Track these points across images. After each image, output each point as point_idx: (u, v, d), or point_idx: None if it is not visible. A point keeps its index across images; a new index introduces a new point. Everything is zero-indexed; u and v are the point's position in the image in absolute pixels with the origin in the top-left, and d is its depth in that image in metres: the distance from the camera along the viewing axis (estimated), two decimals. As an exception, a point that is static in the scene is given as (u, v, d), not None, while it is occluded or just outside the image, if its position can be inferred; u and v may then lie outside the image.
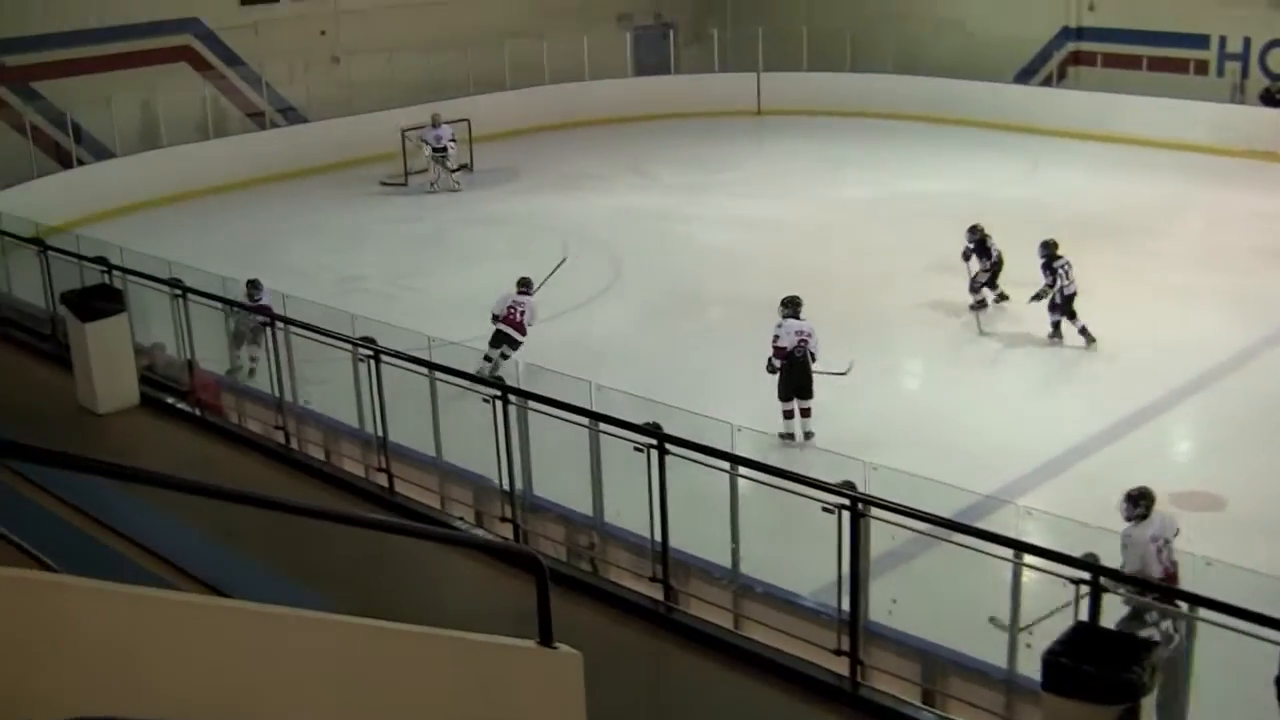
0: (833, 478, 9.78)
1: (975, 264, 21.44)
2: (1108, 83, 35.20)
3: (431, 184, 31.20)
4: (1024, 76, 37.81)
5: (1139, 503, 11.34)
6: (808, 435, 17.17)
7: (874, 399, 18.25)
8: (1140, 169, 30.37)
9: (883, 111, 36.60)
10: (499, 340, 19.12)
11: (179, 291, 15.38)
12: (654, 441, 10.34)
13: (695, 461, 10.27)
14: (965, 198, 28.15)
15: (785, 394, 17.25)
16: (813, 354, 17.17)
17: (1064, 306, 19.98)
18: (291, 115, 34.75)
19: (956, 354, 20.24)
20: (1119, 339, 20.21)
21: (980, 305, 21.24)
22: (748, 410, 17.66)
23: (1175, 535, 11.41)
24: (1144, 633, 9.73)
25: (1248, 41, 34.27)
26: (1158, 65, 34.78)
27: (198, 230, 27.34)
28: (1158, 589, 10.04)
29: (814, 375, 17.23)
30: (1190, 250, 25.20)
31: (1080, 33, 37.19)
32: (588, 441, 11.40)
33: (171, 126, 31.72)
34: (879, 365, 19.48)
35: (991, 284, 21.47)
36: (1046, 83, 37.59)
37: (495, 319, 19.27)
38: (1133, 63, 35.04)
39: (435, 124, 31.15)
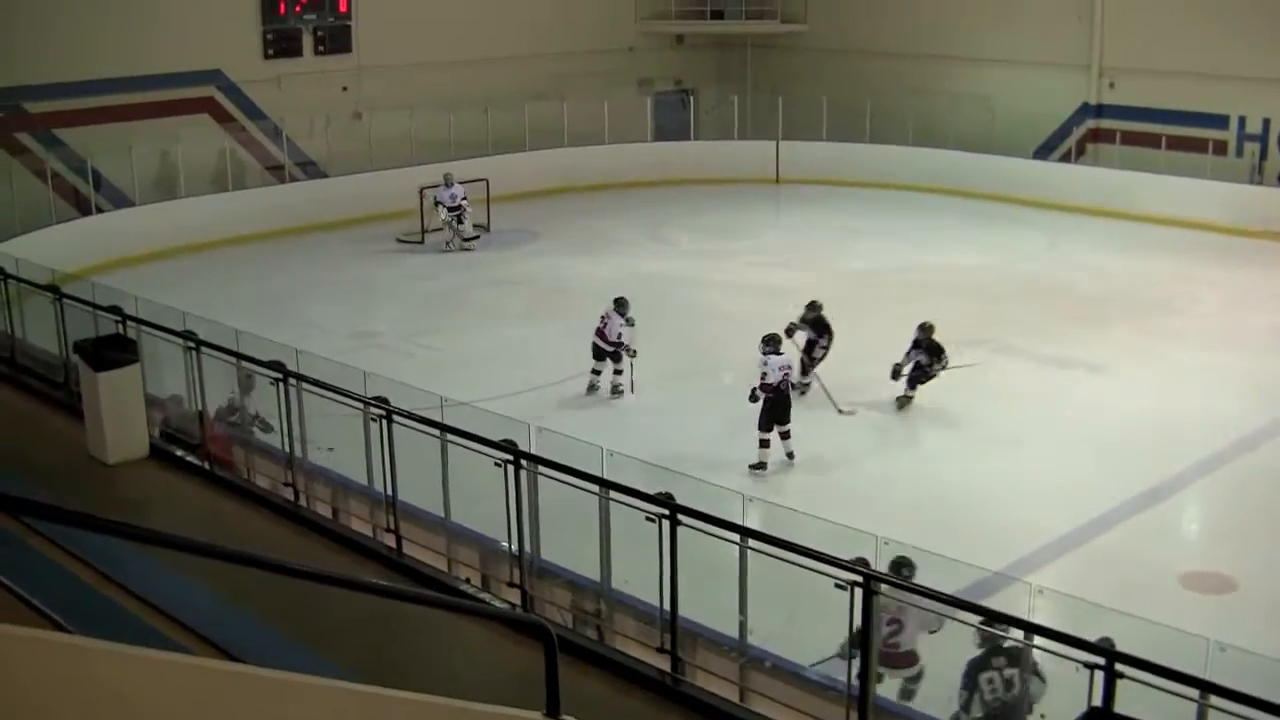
0: (842, 550, 9.71)
1: (801, 337, 21.43)
2: (1127, 160, 35.32)
3: (446, 243, 31.23)
4: (1043, 152, 37.94)
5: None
6: (790, 455, 18.50)
7: (884, 468, 18.33)
8: (1158, 247, 30.41)
9: (901, 183, 36.75)
10: (597, 354, 21.52)
11: (192, 344, 15.31)
12: (666, 512, 10.26)
13: (705, 533, 10.21)
14: (983, 271, 28.26)
15: (767, 425, 18.39)
16: (793, 384, 19.00)
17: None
18: (311, 170, 34.88)
19: (973, 426, 20.16)
20: (1134, 416, 20.25)
21: (805, 387, 21.18)
22: (773, 480, 17.80)
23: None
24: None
25: (1267, 122, 34.41)
26: (1177, 144, 34.87)
27: (214, 282, 27.37)
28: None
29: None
30: (1207, 329, 25.20)
31: (1100, 110, 37.34)
32: (597, 506, 11.31)
33: (191, 177, 31.85)
34: (892, 433, 19.58)
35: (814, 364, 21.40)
36: (1065, 159, 37.70)
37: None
38: (1152, 141, 35.11)
39: (448, 183, 31.21)
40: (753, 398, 18.37)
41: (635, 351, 21.37)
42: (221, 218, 31.32)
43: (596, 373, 21.51)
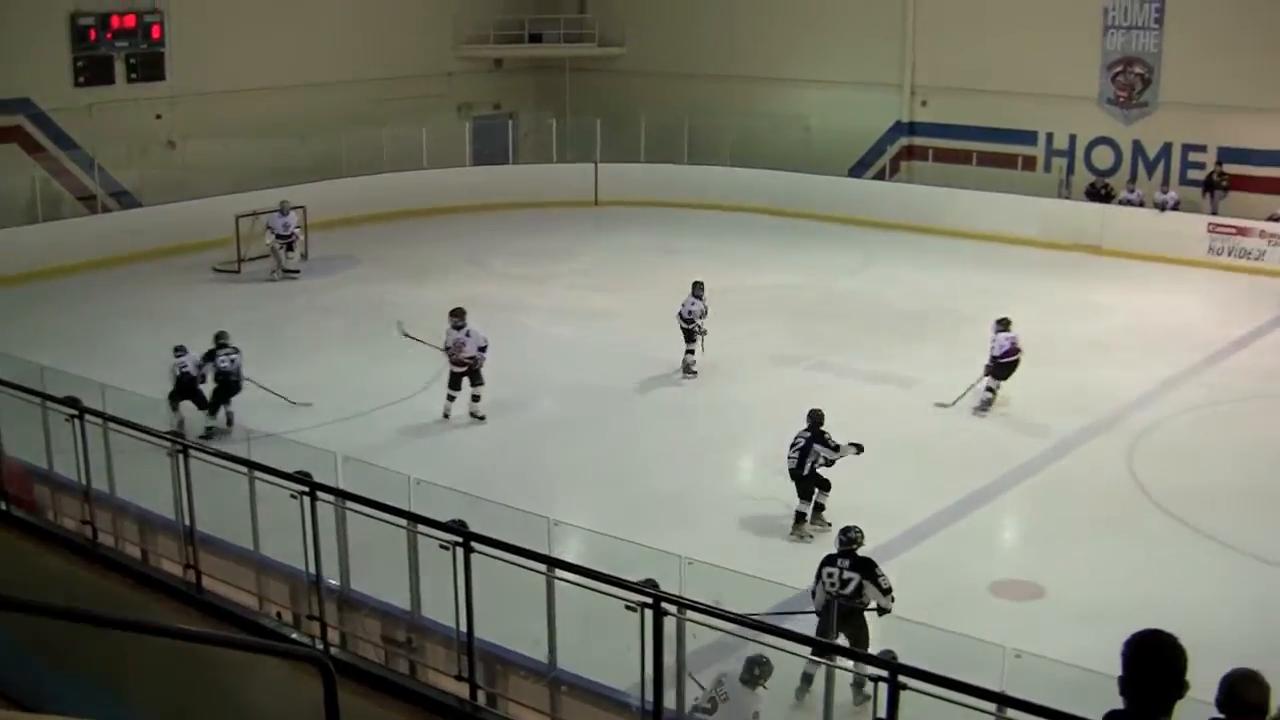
0: (646, 572, 9.79)
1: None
2: (940, 177, 36.09)
3: (272, 272, 30.88)
4: (859, 170, 38.65)
5: None
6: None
7: (694, 486, 18.38)
8: (971, 262, 31.02)
9: (720, 203, 37.15)
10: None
11: (-12, 382, 14.92)
12: (459, 540, 10.24)
13: (504, 560, 10.18)
14: (801, 289, 28.59)
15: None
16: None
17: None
18: (125, 199, 34.17)
19: (781, 442, 20.22)
20: (946, 430, 20.65)
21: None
22: (572, 501, 17.76)
23: None
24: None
25: (1073, 138, 35.40)
26: (988, 160, 35.84)
27: (23, 316, 26.66)
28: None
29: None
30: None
31: (913, 128, 38.12)
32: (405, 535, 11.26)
33: (-1, 208, 31.14)
34: (705, 451, 19.74)
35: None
36: (880, 176, 38.41)
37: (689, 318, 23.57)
38: (964, 157, 35.99)
39: (284, 210, 30.93)
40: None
41: (705, 331, 23.16)
42: (32, 251, 30.43)
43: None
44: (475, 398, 21.20)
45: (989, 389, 21.67)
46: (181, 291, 29.55)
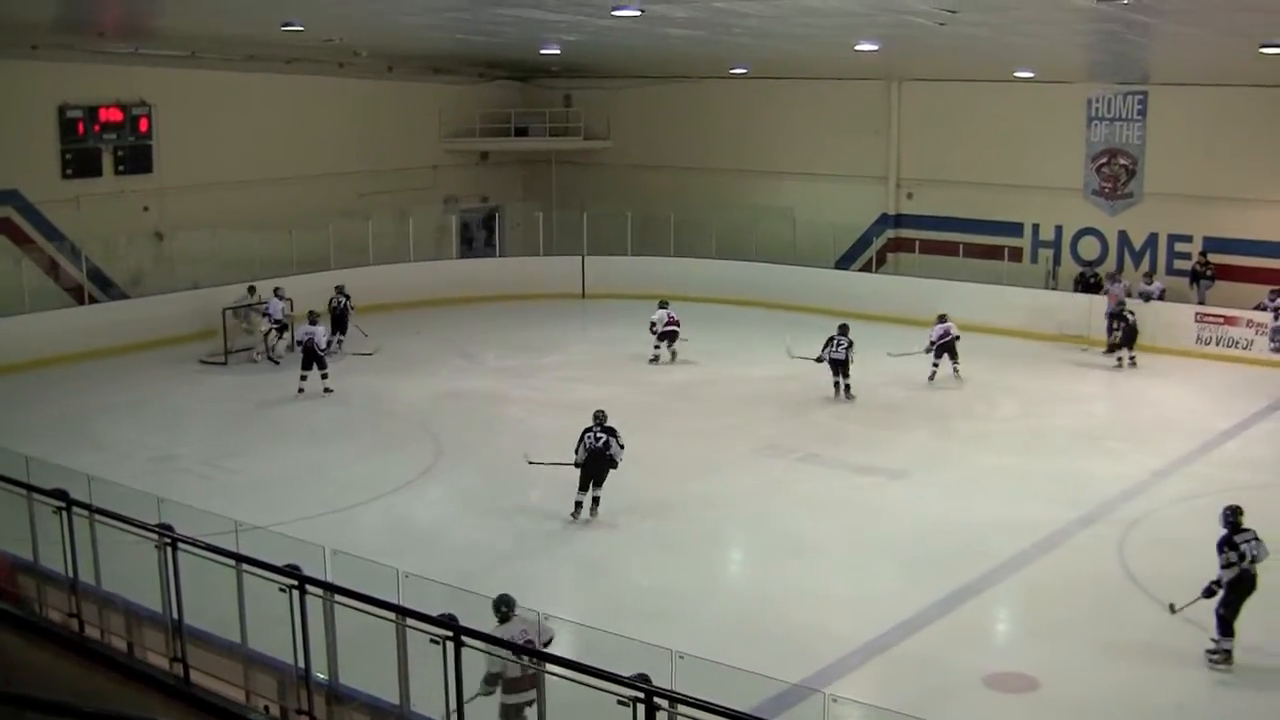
0: (635, 666, 9.69)
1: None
2: (927, 268, 36.31)
3: (257, 354, 31.18)
4: (845, 262, 38.82)
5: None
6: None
7: (683, 580, 18.19)
8: (959, 353, 30.86)
9: (706, 296, 37.11)
10: (670, 338, 30.90)
11: (-31, 473, 14.82)
12: (449, 634, 10.17)
13: (491, 654, 10.09)
14: (788, 380, 28.50)
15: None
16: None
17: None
18: (112, 291, 34.15)
19: (772, 535, 20.22)
20: (937, 521, 20.48)
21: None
22: (561, 596, 17.62)
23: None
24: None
25: (1059, 229, 35.60)
26: (974, 251, 35.99)
27: (9, 406, 26.57)
28: None
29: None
30: (1007, 433, 25.89)
31: (899, 220, 38.35)
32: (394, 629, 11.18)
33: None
34: (692, 544, 19.64)
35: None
36: (867, 268, 38.56)
37: (654, 326, 31.00)
38: (950, 249, 36.22)
39: (280, 296, 31.21)
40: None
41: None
42: (18, 341, 30.27)
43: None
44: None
45: (934, 364, 29.01)
46: (168, 383, 29.41)
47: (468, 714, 10.62)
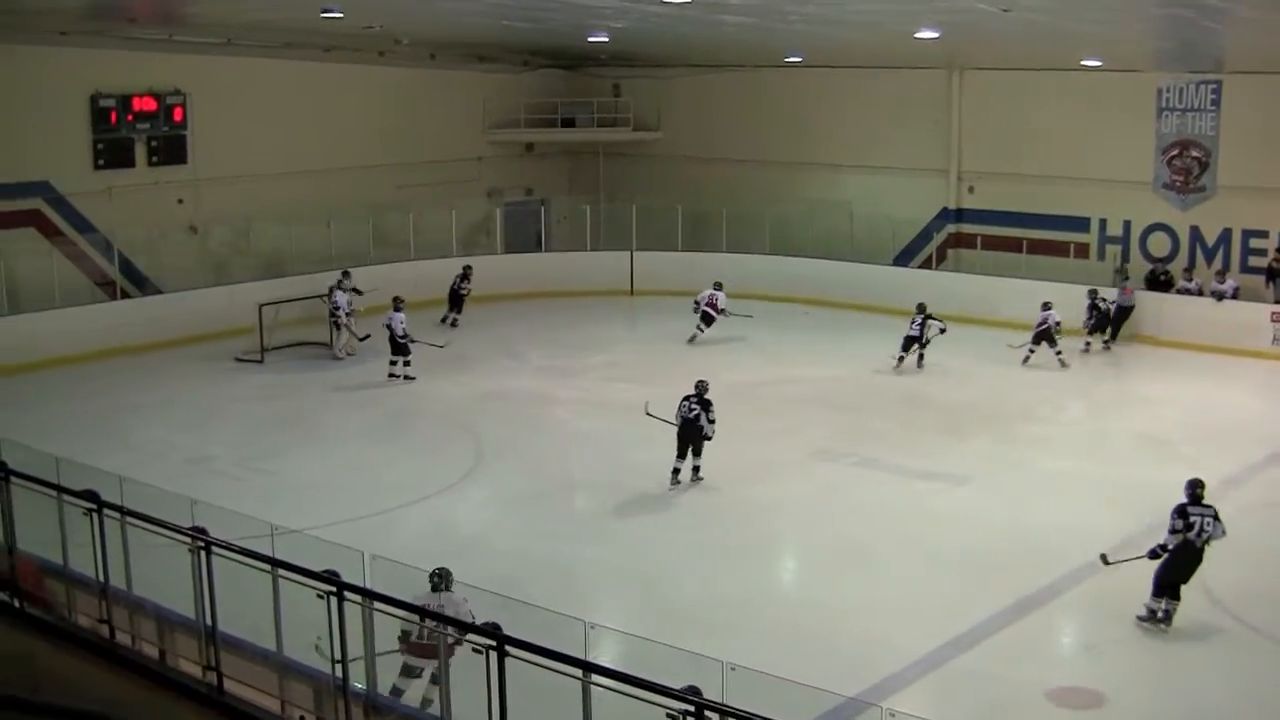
0: (686, 677, 9.32)
1: None
2: (989, 265, 35.70)
3: (344, 351, 31.07)
4: (904, 258, 38.20)
5: None
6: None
7: (738, 588, 17.78)
8: (1021, 353, 30.18)
9: (759, 293, 36.27)
10: (707, 320, 32.26)
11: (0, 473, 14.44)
12: (493, 643, 9.83)
13: (539, 666, 9.62)
14: (842, 382, 28.07)
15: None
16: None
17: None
18: (145, 286, 33.75)
19: (831, 542, 19.74)
20: (998, 528, 19.99)
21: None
22: (608, 604, 17.12)
23: None
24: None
25: (1128, 225, 34.80)
26: (1038, 248, 35.33)
27: (38, 405, 26.27)
28: None
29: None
30: (1072, 437, 25.36)
31: (960, 214, 37.69)
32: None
33: (15, 293, 30.68)
34: (748, 550, 19.24)
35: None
36: (926, 265, 37.90)
37: (697, 305, 32.46)
38: (1013, 245, 35.62)
39: (344, 288, 31.22)
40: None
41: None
42: (47, 337, 29.89)
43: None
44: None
45: (1030, 349, 29.98)
46: (202, 380, 29.00)
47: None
